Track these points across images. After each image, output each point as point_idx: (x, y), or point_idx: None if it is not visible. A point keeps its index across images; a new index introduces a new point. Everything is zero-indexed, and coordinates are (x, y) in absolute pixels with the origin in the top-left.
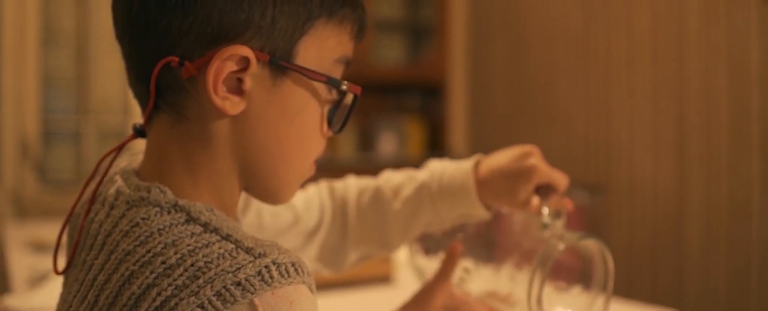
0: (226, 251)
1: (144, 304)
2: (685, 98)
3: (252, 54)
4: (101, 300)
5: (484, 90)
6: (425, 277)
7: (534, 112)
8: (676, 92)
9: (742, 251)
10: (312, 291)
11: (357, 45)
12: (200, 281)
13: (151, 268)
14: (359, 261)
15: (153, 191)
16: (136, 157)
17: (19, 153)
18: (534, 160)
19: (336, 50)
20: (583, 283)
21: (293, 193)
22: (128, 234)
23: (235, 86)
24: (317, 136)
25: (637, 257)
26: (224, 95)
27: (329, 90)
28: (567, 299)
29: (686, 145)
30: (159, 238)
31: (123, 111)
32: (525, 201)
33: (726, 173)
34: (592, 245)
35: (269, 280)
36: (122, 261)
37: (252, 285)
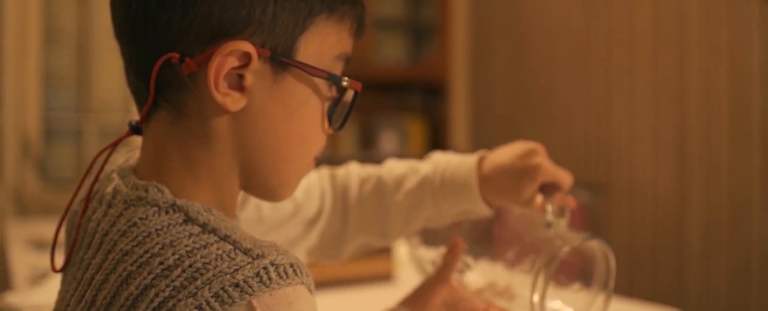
0: (225, 252)
1: (142, 305)
2: (686, 98)
3: (253, 50)
4: (99, 301)
5: (485, 89)
6: (425, 270)
7: (535, 111)
8: (677, 92)
9: (743, 250)
10: (311, 292)
11: (356, 42)
12: (198, 282)
13: (149, 269)
14: (359, 250)
15: (151, 190)
16: (134, 153)
17: (21, 151)
18: (539, 158)
19: (336, 47)
20: (583, 280)
21: (293, 190)
22: (126, 234)
23: (236, 82)
24: (318, 132)
25: (638, 256)
26: (225, 91)
27: (330, 86)
28: (566, 295)
29: (687, 145)
30: (157, 238)
31: (124, 109)
32: (529, 199)
33: (726, 172)
34: (596, 245)
35: (267, 281)
36: (120, 262)
37: (250, 287)
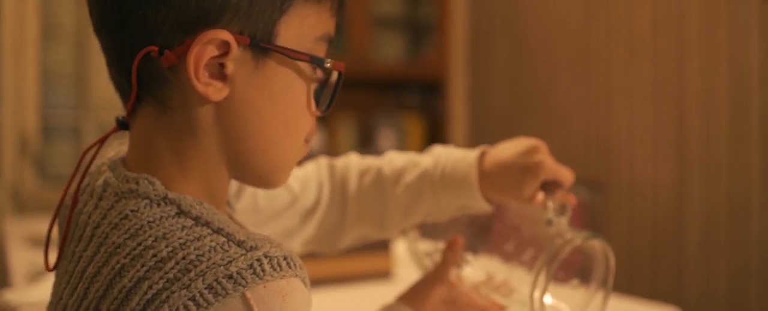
0: (218, 244)
1: (135, 297)
2: (686, 97)
3: (231, 38)
4: (91, 293)
5: (484, 88)
6: (423, 264)
7: (534, 110)
8: (677, 91)
9: (742, 249)
10: (306, 285)
11: (347, 25)
12: (192, 274)
13: (143, 261)
14: (357, 241)
15: (142, 182)
16: (123, 147)
17: (19, 149)
18: (541, 155)
19: (317, 28)
20: (582, 277)
21: (287, 176)
22: (118, 227)
23: (218, 72)
24: (305, 115)
25: (637, 255)
26: (207, 81)
27: (314, 69)
28: (564, 291)
29: (686, 143)
30: (150, 231)
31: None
32: (530, 197)
33: (726, 171)
34: (597, 245)
35: (261, 273)
36: (113, 254)
37: (244, 278)
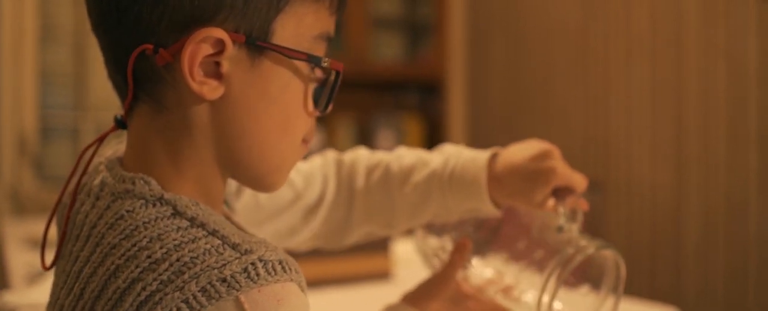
0: (213, 246)
1: (129, 298)
2: (684, 97)
3: (226, 36)
4: (87, 293)
5: (483, 88)
6: (430, 262)
7: (532, 110)
8: (675, 91)
9: (740, 249)
10: (302, 290)
11: (345, 25)
12: (185, 276)
13: (137, 262)
14: (363, 238)
15: (137, 182)
16: (121, 146)
17: (17, 149)
18: (553, 161)
19: (315, 27)
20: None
21: (284, 178)
22: (113, 227)
23: (213, 70)
24: (302, 115)
25: (636, 255)
26: (201, 80)
27: (311, 68)
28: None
29: (684, 144)
30: (144, 232)
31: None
32: (541, 203)
33: (724, 171)
34: (609, 254)
35: (255, 277)
36: (108, 255)
37: (237, 282)
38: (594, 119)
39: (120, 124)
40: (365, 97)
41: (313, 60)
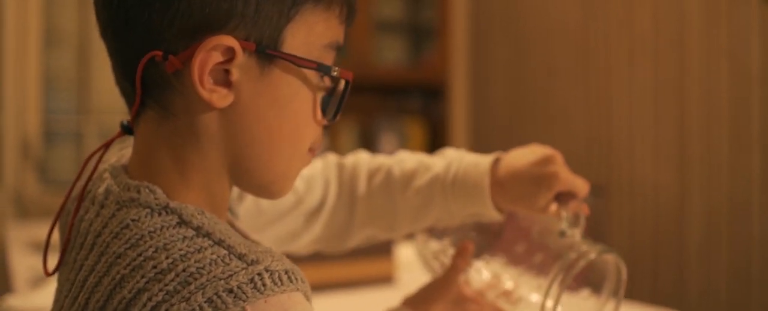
0: (219, 257)
1: (134, 309)
2: (686, 98)
3: (237, 44)
4: (92, 303)
5: (485, 91)
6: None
7: (535, 113)
8: (677, 92)
9: (743, 251)
10: (308, 299)
11: (347, 30)
12: (192, 287)
13: (142, 272)
14: (364, 241)
15: (143, 191)
16: (125, 152)
17: (21, 153)
18: (556, 166)
19: (325, 36)
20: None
21: (290, 186)
22: (118, 236)
23: (222, 78)
24: (310, 124)
25: (638, 257)
26: (211, 88)
27: (321, 77)
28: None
29: (687, 145)
30: (150, 241)
31: (124, 112)
32: (543, 208)
33: (727, 173)
34: (611, 259)
35: (262, 288)
36: (113, 264)
37: (244, 293)
38: (596, 121)
39: (126, 130)
40: (368, 100)
41: (323, 69)
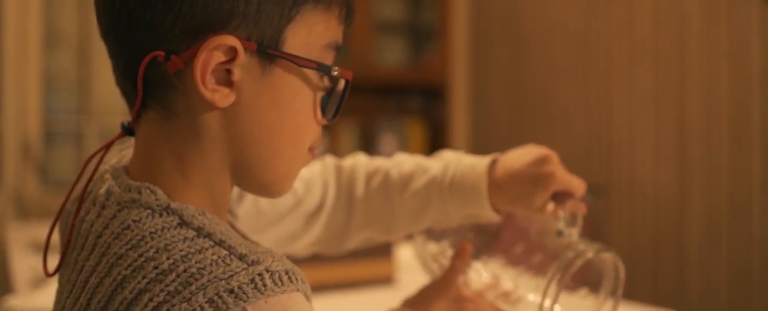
0: (220, 257)
1: (136, 309)
2: (686, 99)
3: (239, 44)
4: (93, 304)
5: (486, 92)
6: (430, 268)
7: (535, 113)
8: (677, 93)
9: (744, 251)
10: (308, 299)
11: (347, 30)
12: (193, 287)
13: (144, 273)
14: (362, 243)
15: (144, 192)
16: (126, 153)
17: (21, 154)
18: (552, 166)
19: (325, 36)
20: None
21: (290, 185)
22: (119, 237)
23: (224, 78)
24: (311, 124)
25: (638, 258)
26: (213, 87)
27: (321, 77)
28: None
29: (687, 145)
30: (151, 242)
31: (124, 112)
32: (540, 207)
33: (727, 173)
34: (608, 257)
35: (262, 288)
36: (114, 265)
37: (245, 293)
38: (597, 122)
39: (127, 130)
40: (368, 101)
41: (324, 69)
